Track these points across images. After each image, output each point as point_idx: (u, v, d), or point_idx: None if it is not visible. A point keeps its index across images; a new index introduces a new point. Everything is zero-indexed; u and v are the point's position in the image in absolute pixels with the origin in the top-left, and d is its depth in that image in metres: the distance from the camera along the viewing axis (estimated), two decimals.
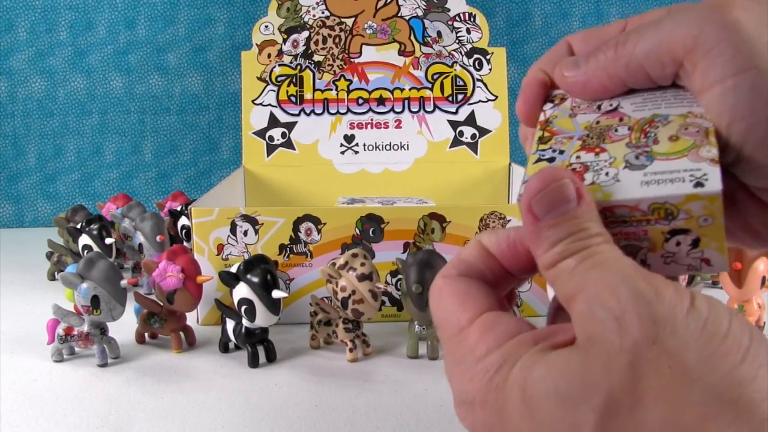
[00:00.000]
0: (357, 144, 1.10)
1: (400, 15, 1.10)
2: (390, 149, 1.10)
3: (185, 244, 0.93)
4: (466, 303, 0.26)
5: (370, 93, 1.10)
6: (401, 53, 1.10)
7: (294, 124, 1.09)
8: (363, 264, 0.68)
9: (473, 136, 1.10)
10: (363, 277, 0.68)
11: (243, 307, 0.67)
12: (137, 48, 1.35)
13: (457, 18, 1.10)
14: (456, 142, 1.10)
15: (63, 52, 1.35)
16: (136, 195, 1.36)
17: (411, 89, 1.10)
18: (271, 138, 1.09)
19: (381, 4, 1.10)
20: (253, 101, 1.09)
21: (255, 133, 1.09)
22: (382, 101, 1.10)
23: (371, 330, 0.74)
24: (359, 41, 1.10)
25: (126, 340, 0.74)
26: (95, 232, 0.92)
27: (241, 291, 0.67)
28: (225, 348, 0.72)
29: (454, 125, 1.10)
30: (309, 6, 1.09)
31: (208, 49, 1.36)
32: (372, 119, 1.10)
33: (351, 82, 1.10)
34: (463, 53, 1.09)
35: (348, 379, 0.66)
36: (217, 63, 1.36)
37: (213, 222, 0.79)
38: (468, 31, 1.09)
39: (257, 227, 0.79)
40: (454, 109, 1.10)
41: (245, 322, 0.68)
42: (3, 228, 1.37)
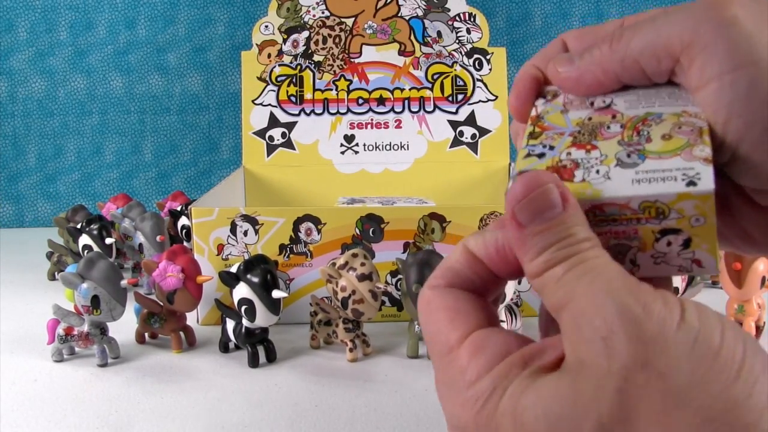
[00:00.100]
0: (357, 144, 1.10)
1: (400, 15, 1.10)
2: (390, 149, 1.10)
3: (185, 244, 0.93)
4: (455, 321, 0.25)
5: (370, 93, 1.10)
6: (401, 53, 1.10)
7: (294, 124, 1.09)
8: (363, 264, 0.68)
9: (473, 136, 1.10)
10: (363, 277, 0.68)
11: (243, 307, 0.67)
12: (137, 48, 1.35)
13: (457, 18, 1.10)
14: (456, 142, 1.10)
15: (63, 52, 1.35)
16: (136, 195, 1.36)
17: (411, 89, 1.10)
18: (271, 138, 1.09)
19: (381, 4, 1.10)
20: (253, 101, 1.09)
21: (255, 133, 1.09)
22: (382, 101, 1.10)
23: (371, 330, 0.74)
24: (359, 41, 1.10)
25: (126, 340, 0.74)
26: (95, 232, 0.92)
27: (241, 291, 0.67)
28: (225, 348, 0.72)
29: (454, 125, 1.10)
30: (309, 6, 1.09)
31: (208, 49, 1.36)
32: (372, 119, 1.10)
33: (351, 82, 1.10)
34: (463, 53, 1.09)
35: (348, 379, 0.66)
36: (217, 63, 1.36)
37: (213, 222, 0.79)
38: (468, 31, 1.09)
39: (257, 227, 0.79)
40: (454, 109, 1.10)
41: (245, 322, 0.68)
42: (3, 228, 1.37)
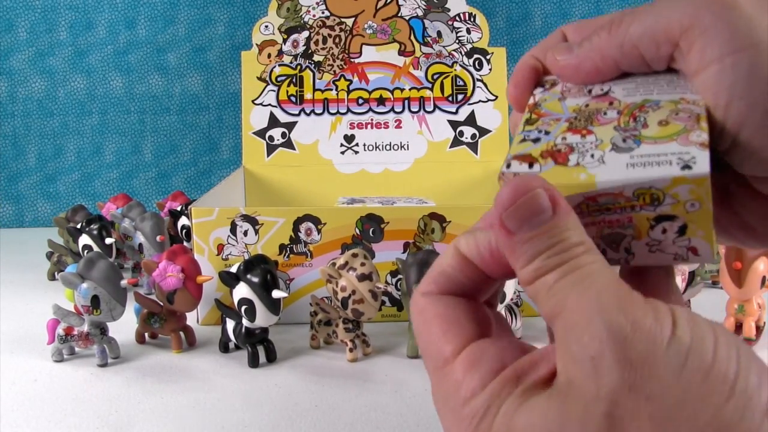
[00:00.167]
0: (357, 144, 1.10)
1: (400, 15, 1.10)
2: (390, 149, 1.10)
3: (185, 244, 0.93)
4: (449, 332, 0.25)
5: (370, 93, 1.10)
6: (401, 53, 1.10)
7: (294, 124, 1.09)
8: (363, 264, 0.68)
9: (473, 136, 1.10)
10: (363, 277, 0.68)
11: (243, 307, 0.67)
12: (137, 48, 1.35)
13: (457, 18, 1.10)
14: (456, 142, 1.10)
15: (63, 52, 1.35)
16: (136, 195, 1.36)
17: (411, 89, 1.10)
18: (271, 138, 1.09)
19: (381, 4, 1.10)
20: (253, 101, 1.09)
21: (255, 133, 1.09)
22: (382, 101, 1.10)
23: (371, 330, 0.74)
24: (359, 41, 1.10)
25: (126, 340, 0.74)
26: (95, 232, 0.92)
27: (241, 291, 0.67)
28: (225, 348, 0.72)
29: (454, 125, 1.10)
30: (309, 6, 1.09)
31: (208, 49, 1.36)
32: (372, 119, 1.10)
33: (351, 82, 1.10)
34: (463, 53, 1.09)
35: (348, 379, 0.66)
36: (217, 63, 1.36)
37: (213, 222, 0.79)
38: (468, 31, 1.09)
39: (257, 227, 0.79)
40: (454, 109, 1.10)
41: (245, 322, 0.68)
42: (3, 228, 1.37)
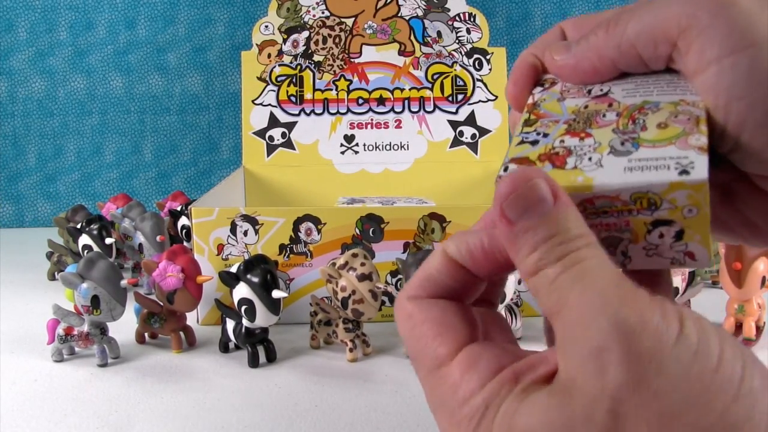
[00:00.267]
0: (357, 144, 1.10)
1: (400, 15, 1.10)
2: (390, 149, 1.10)
3: (185, 244, 0.93)
4: (443, 335, 0.24)
5: (370, 93, 1.10)
6: (401, 53, 1.10)
7: (294, 124, 1.09)
8: (363, 264, 0.68)
9: (473, 136, 1.10)
10: (363, 277, 0.68)
11: (243, 307, 0.67)
12: (137, 48, 1.35)
13: (457, 18, 1.10)
14: (456, 142, 1.10)
15: (63, 52, 1.35)
16: (136, 195, 1.36)
17: (411, 89, 1.10)
18: (271, 138, 1.09)
19: (381, 4, 1.10)
20: (253, 101, 1.09)
21: (255, 133, 1.09)
22: (382, 101, 1.10)
23: (371, 330, 0.74)
24: (359, 41, 1.10)
25: (126, 340, 0.74)
26: (95, 232, 0.92)
27: (241, 291, 0.67)
28: (225, 348, 0.72)
29: (454, 125, 1.10)
30: (309, 6, 1.09)
31: (208, 49, 1.36)
32: (372, 119, 1.10)
33: (351, 82, 1.10)
34: (463, 53, 1.09)
35: (348, 379, 0.66)
36: (217, 63, 1.36)
37: (213, 222, 0.79)
38: (468, 31, 1.09)
39: (257, 227, 0.79)
40: (454, 109, 1.10)
41: (245, 322, 0.68)
42: (3, 228, 1.37)
